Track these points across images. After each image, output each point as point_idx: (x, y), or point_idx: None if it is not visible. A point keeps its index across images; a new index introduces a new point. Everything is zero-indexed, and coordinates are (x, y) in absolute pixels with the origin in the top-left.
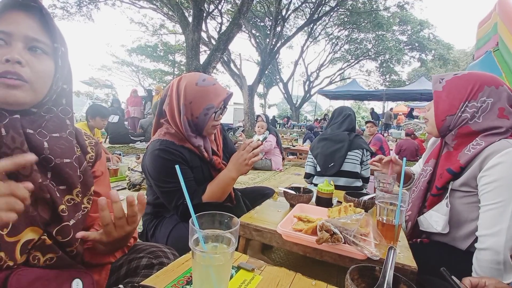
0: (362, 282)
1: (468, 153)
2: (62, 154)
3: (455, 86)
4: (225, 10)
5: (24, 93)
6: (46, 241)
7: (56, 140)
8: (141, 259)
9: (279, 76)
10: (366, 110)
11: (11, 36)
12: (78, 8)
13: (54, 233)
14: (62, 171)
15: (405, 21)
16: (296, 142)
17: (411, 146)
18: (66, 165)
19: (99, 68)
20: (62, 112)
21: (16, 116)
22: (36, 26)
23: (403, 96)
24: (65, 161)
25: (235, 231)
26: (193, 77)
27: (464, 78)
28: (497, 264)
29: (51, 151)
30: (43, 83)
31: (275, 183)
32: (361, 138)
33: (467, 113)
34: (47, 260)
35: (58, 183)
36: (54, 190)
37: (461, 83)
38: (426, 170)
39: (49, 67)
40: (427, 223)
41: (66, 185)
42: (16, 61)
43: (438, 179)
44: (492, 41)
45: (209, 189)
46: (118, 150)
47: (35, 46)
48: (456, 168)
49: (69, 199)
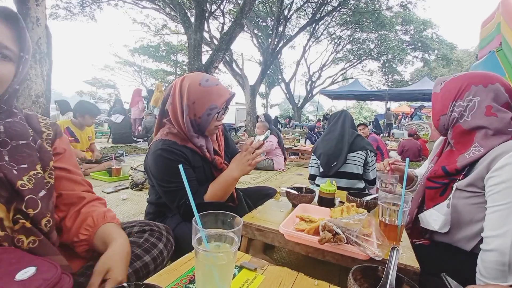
0: (364, 282)
1: (467, 157)
2: (17, 137)
3: (448, 87)
4: (227, 10)
5: None
6: (26, 224)
7: (10, 124)
8: (133, 227)
9: (281, 76)
10: (369, 110)
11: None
12: (81, 9)
13: (24, 207)
14: (20, 151)
15: (408, 21)
16: (298, 142)
17: (414, 147)
18: (23, 146)
19: (102, 68)
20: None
21: None
22: (10, 35)
23: (405, 96)
24: (20, 142)
25: (238, 231)
26: (196, 77)
27: (457, 78)
28: (502, 266)
29: (7, 134)
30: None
31: (277, 183)
32: (363, 139)
33: (455, 112)
34: (30, 243)
35: (18, 163)
36: (11, 170)
37: (453, 83)
38: (429, 168)
39: (10, 73)
40: (426, 220)
41: (28, 164)
42: None
43: (432, 173)
44: (496, 41)
45: (211, 189)
46: (121, 149)
47: (2, 53)
48: (451, 169)
49: (35, 173)
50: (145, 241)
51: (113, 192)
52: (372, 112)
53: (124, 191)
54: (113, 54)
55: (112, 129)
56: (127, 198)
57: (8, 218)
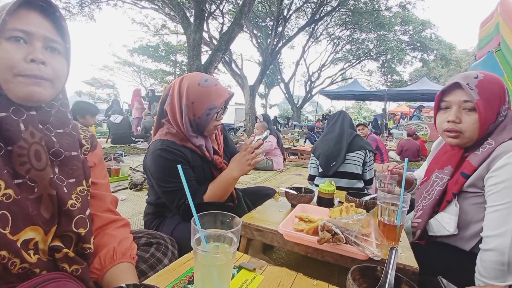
0: (363, 282)
1: (477, 153)
2: (69, 148)
3: (488, 92)
4: (226, 10)
5: (46, 90)
6: (69, 254)
7: (61, 135)
8: (140, 239)
9: (280, 76)
10: (368, 111)
11: (31, 35)
12: (80, 9)
13: (74, 227)
14: (71, 163)
15: (407, 21)
16: (298, 142)
17: (412, 147)
18: (74, 157)
19: (101, 68)
20: (62, 106)
21: (33, 113)
22: (51, 27)
23: (405, 97)
24: (73, 154)
25: (236, 231)
26: (195, 78)
27: (490, 80)
28: (501, 265)
29: (60, 145)
30: (61, 81)
31: (276, 183)
32: (362, 139)
33: (502, 117)
34: (73, 272)
35: (67, 177)
36: (62, 186)
37: (492, 86)
38: (442, 179)
39: (64, 66)
40: (438, 225)
41: (75, 178)
42: (41, 62)
43: (454, 185)
44: (494, 41)
45: (211, 189)
46: (120, 150)
47: (53, 47)
48: (469, 170)
49: (81, 190)
50: (151, 256)
51: (112, 192)
52: (372, 112)
53: (123, 191)
54: (112, 54)
55: (111, 129)
56: (126, 199)
57: (45, 242)
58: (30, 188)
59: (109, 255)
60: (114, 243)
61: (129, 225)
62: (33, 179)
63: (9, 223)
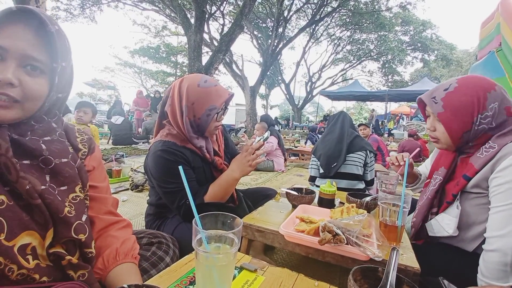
0: (364, 283)
1: (481, 157)
2: (60, 155)
3: (458, 103)
4: (227, 12)
5: (12, 112)
6: (73, 261)
7: (50, 143)
8: (142, 239)
9: (281, 77)
10: (368, 111)
11: (6, 51)
12: (81, 10)
13: (74, 233)
14: (62, 170)
15: (407, 22)
16: (298, 143)
17: (414, 147)
18: (65, 164)
19: (102, 70)
20: (49, 116)
21: (4, 125)
22: (35, 41)
23: (405, 97)
24: (63, 160)
25: (238, 232)
26: (194, 79)
27: (462, 91)
28: (504, 266)
29: (50, 152)
30: (34, 102)
31: (277, 184)
32: (363, 139)
33: (483, 124)
34: (79, 277)
35: (59, 184)
36: (56, 195)
37: (462, 98)
38: (435, 179)
39: (43, 86)
40: (438, 226)
41: (67, 185)
42: (7, 82)
43: (454, 186)
44: (495, 41)
45: (212, 190)
46: (121, 151)
47: (31, 65)
48: (471, 173)
49: (74, 197)
50: (152, 254)
51: (113, 193)
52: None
53: (124, 192)
54: (113, 56)
55: (112, 130)
56: (127, 200)
57: (43, 247)
58: (18, 195)
59: (112, 255)
60: (117, 243)
61: (131, 226)
62: (17, 187)
63: (4, 229)
